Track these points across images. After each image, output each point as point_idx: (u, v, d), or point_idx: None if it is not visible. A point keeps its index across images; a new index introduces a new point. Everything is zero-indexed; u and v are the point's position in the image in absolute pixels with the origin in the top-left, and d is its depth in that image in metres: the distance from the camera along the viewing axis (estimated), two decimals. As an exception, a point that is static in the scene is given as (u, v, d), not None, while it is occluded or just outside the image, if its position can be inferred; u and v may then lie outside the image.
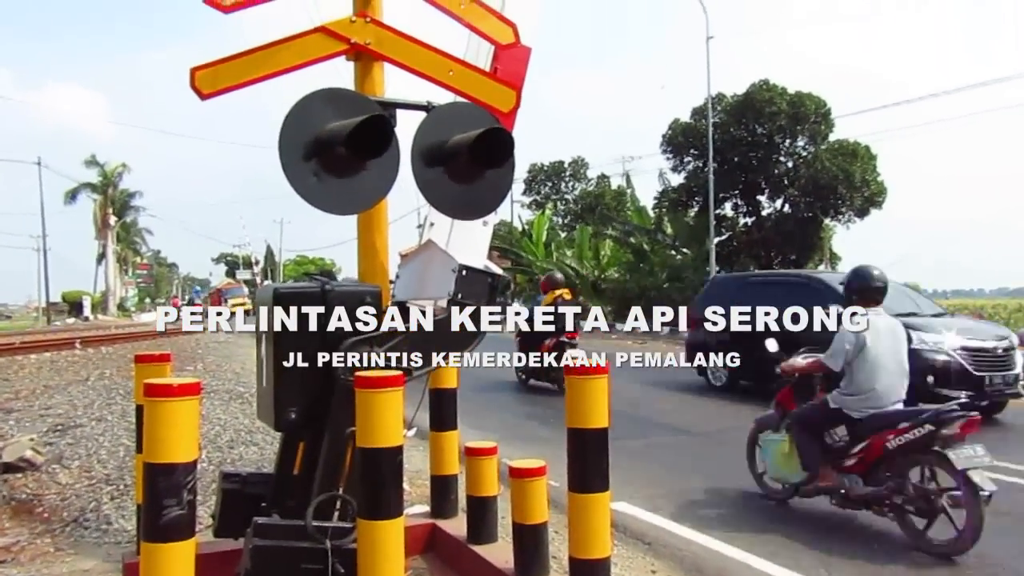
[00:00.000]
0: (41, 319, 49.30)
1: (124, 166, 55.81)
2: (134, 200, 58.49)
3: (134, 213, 60.41)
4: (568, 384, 3.16)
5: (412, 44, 3.51)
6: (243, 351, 17.64)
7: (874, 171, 25.75)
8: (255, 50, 3.30)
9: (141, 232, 65.17)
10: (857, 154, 25.52)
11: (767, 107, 25.86)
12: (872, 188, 25.54)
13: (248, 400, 9.38)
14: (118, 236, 57.46)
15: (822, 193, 25.52)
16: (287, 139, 3.04)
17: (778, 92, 26.22)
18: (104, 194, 54.30)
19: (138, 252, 67.88)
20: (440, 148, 3.31)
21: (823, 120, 26.32)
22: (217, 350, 17.97)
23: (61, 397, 9.54)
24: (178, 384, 2.54)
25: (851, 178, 24.96)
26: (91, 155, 54.89)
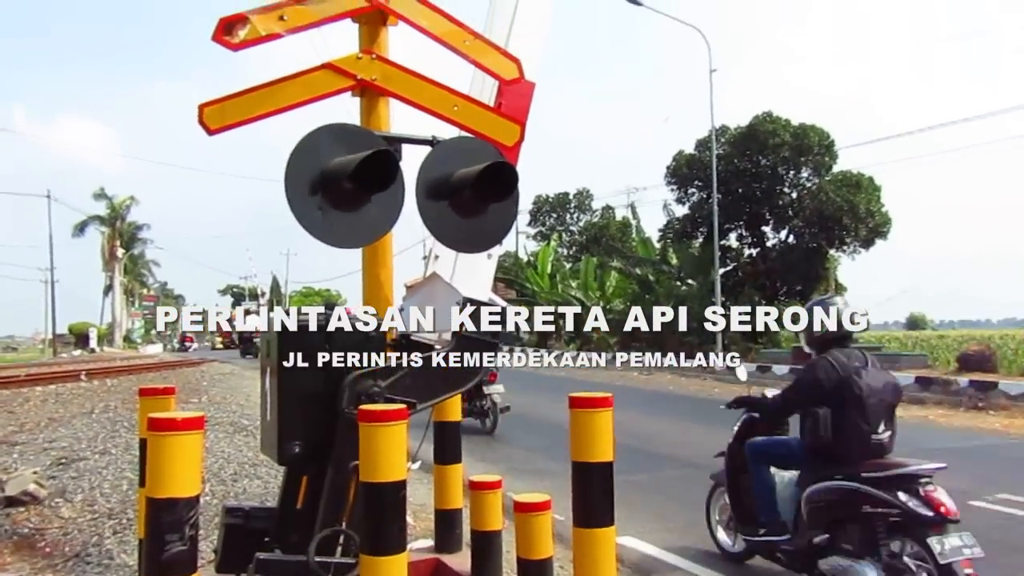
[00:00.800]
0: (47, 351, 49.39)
1: (132, 199, 56.38)
2: (141, 232, 59.02)
3: (141, 245, 60.89)
4: (572, 417, 3.15)
5: (417, 80, 3.56)
6: (248, 383, 17.62)
7: (878, 202, 25.81)
8: (262, 86, 3.35)
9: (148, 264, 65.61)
10: (861, 185, 25.60)
11: (771, 139, 26.02)
12: (876, 219, 25.58)
13: (252, 433, 9.36)
14: (125, 268, 57.79)
15: (827, 224, 25.56)
16: (293, 173, 3.06)
17: (781, 124, 26.40)
18: (112, 226, 54.74)
19: (145, 284, 68.20)
20: (445, 182, 3.34)
21: (827, 151, 26.46)
22: (222, 382, 17.96)
23: (66, 430, 9.52)
24: (182, 418, 2.53)
25: (855, 209, 25.02)
26: (100, 188, 55.47)
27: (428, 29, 3.61)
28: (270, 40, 3.35)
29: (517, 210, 3.64)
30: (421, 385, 3.33)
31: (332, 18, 3.49)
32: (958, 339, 28.67)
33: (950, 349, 21.94)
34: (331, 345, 3.19)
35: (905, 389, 14.26)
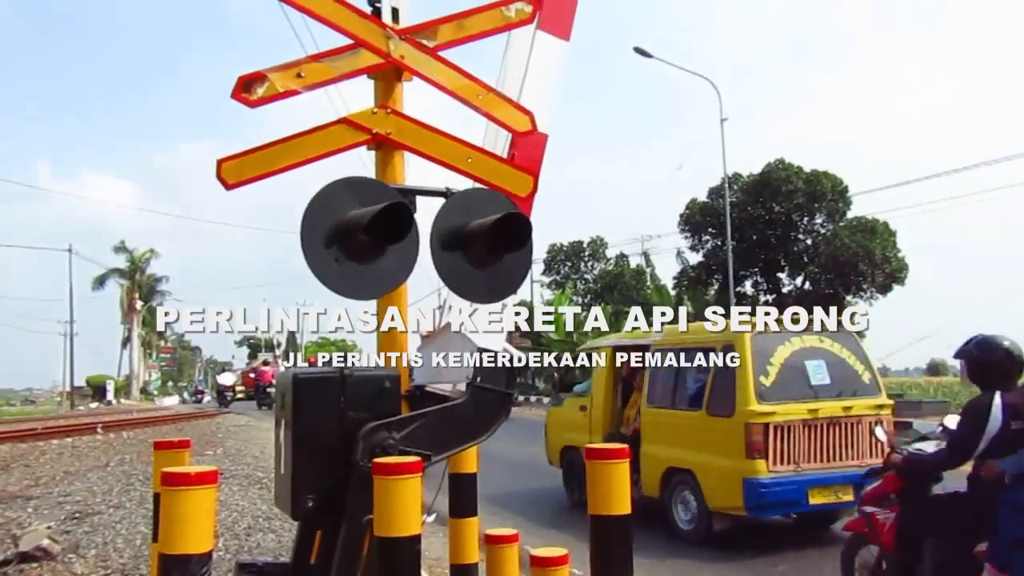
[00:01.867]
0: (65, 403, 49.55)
1: (152, 252, 57.04)
2: (160, 285, 59.53)
3: (160, 298, 61.36)
4: (589, 469, 3.11)
5: (431, 133, 3.61)
6: (263, 435, 17.55)
7: (894, 247, 25.72)
8: (280, 141, 3.40)
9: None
10: (876, 231, 25.55)
11: (784, 185, 26.12)
12: (893, 264, 25.45)
13: (267, 486, 9.29)
14: (143, 320, 58.19)
15: (843, 270, 25.45)
16: (309, 226, 3.09)
17: (794, 171, 26.51)
18: (131, 279, 55.34)
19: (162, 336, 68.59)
20: (459, 233, 3.36)
21: (840, 197, 26.49)
22: (237, 434, 17.90)
23: (80, 484, 9.50)
24: (195, 472, 2.52)
25: (871, 255, 24.93)
26: (120, 241, 56.22)
27: (443, 84, 3.67)
28: (288, 97, 3.42)
29: (531, 260, 3.65)
30: (436, 437, 3.30)
31: (349, 75, 3.56)
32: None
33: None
34: (346, 396, 3.19)
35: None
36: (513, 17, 3.90)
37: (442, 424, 3.33)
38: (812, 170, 26.70)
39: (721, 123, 24.76)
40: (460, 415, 3.38)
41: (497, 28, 3.91)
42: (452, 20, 3.80)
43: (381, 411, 3.22)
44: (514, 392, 3.60)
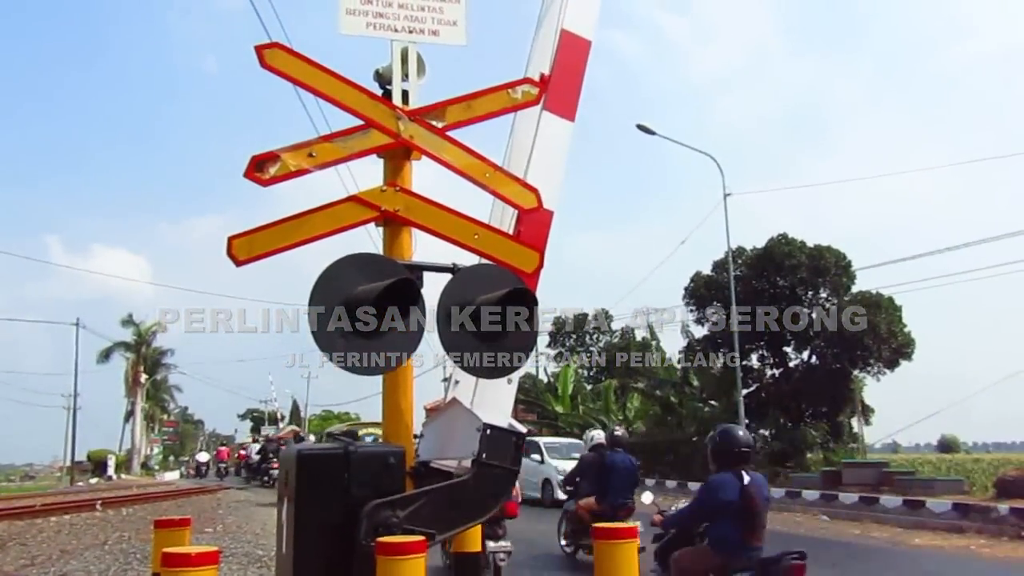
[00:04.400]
0: (65, 479, 48.84)
1: (159, 325, 57.11)
2: (165, 358, 59.45)
3: (164, 371, 61.20)
4: (596, 549, 3.04)
5: (439, 210, 3.68)
6: (264, 511, 17.22)
7: (900, 322, 25.61)
8: (290, 218, 3.47)
9: (170, 389, 65.65)
10: (881, 305, 25.49)
11: (787, 260, 26.20)
12: (899, 339, 25.30)
13: (267, 564, 9.06)
14: (147, 393, 57.89)
15: (848, 345, 25.29)
16: (317, 302, 3.12)
17: (797, 246, 26.65)
18: (137, 352, 55.27)
19: (166, 409, 68.05)
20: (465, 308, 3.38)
21: (844, 272, 26.54)
22: (237, 511, 17.57)
23: (77, 562, 9.28)
24: (196, 553, 2.48)
25: (877, 329, 24.81)
26: (128, 314, 56.35)
27: (451, 163, 3.75)
28: (299, 175, 3.50)
29: (536, 335, 3.65)
30: (441, 515, 3.24)
31: (359, 154, 3.65)
32: (994, 463, 27.70)
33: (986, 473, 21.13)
34: (350, 473, 3.14)
35: (942, 517, 13.63)
36: (520, 99, 4.01)
37: (447, 502, 3.28)
38: (815, 245, 26.86)
39: (724, 198, 25.09)
40: (465, 493, 3.32)
41: (504, 109, 4.03)
42: (461, 101, 3.91)
43: (385, 488, 3.18)
44: (519, 468, 3.55)
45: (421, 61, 3.96)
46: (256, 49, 3.51)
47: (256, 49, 3.51)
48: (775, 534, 13.79)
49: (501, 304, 3.27)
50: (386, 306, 3.09)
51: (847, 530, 13.02)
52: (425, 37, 4.00)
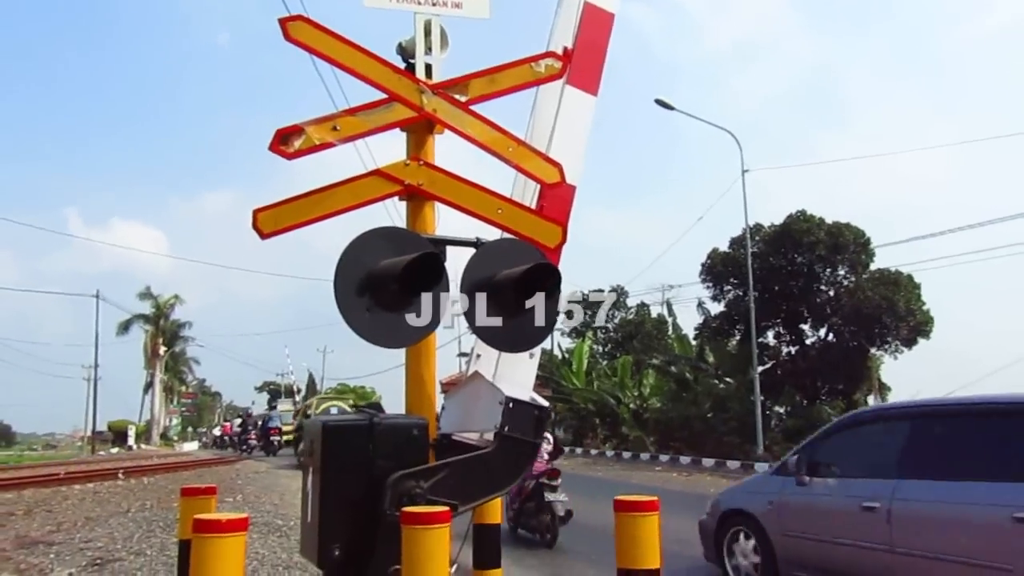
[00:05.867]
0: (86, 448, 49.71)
1: (177, 298, 57.72)
2: (183, 331, 60.11)
3: (183, 343, 61.91)
4: (617, 521, 3.07)
5: (462, 184, 3.68)
6: (283, 482, 17.47)
7: (918, 300, 25.43)
8: (314, 192, 3.48)
9: (188, 361, 66.51)
10: (899, 283, 25.31)
11: (805, 237, 26.02)
12: (918, 317, 25.14)
13: (286, 534, 9.21)
14: (166, 365, 58.63)
15: (866, 322, 25.15)
16: (343, 275, 3.14)
17: (816, 223, 26.45)
18: (156, 325, 55.90)
19: (184, 381, 68.95)
20: (488, 282, 3.40)
21: (863, 250, 26.33)
22: (256, 481, 17.83)
23: (102, 529, 9.47)
24: (226, 519, 2.53)
25: (895, 307, 24.64)
26: (146, 287, 56.99)
27: (474, 137, 3.75)
28: (323, 149, 3.51)
29: (558, 310, 3.66)
30: (463, 486, 3.28)
31: (382, 128, 3.65)
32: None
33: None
34: (375, 444, 3.19)
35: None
36: (543, 72, 3.99)
37: (469, 474, 3.32)
38: (834, 222, 26.63)
39: (742, 174, 24.89)
40: (487, 465, 3.36)
41: (527, 83, 4.01)
42: (484, 75, 3.90)
43: (409, 460, 3.22)
44: (541, 441, 3.58)
45: (444, 34, 3.94)
46: (280, 22, 3.51)
47: (280, 22, 3.51)
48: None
49: (524, 278, 3.28)
50: (411, 279, 3.11)
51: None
52: (448, 10, 3.98)
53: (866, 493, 5.47)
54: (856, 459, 5.92)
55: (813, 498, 5.98)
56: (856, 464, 5.87)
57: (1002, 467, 4.88)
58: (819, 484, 5.98)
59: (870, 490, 5.47)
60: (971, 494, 4.87)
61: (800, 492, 6.09)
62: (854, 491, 5.60)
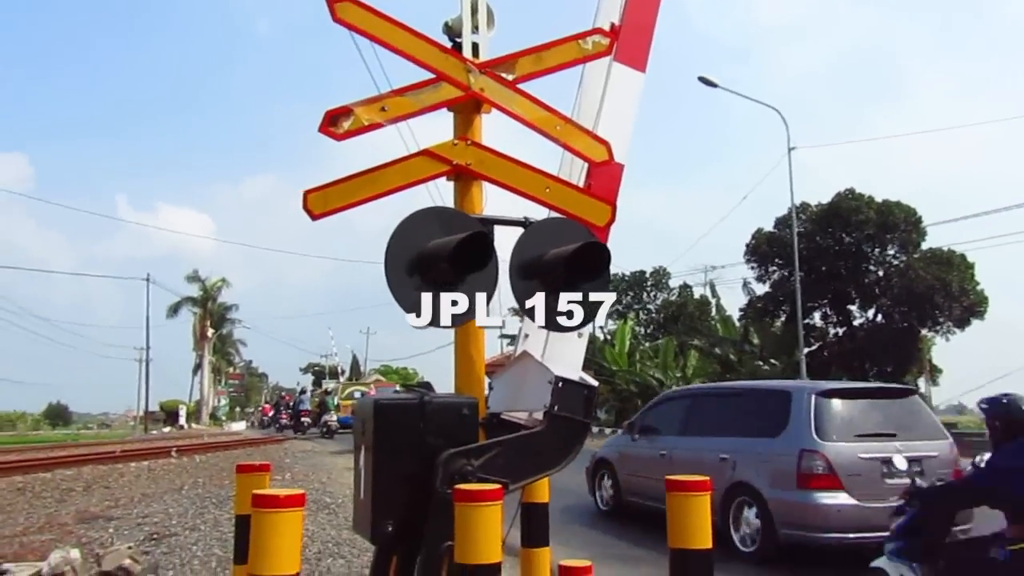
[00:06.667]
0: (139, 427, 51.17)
1: (224, 281, 58.93)
2: (230, 313, 61.41)
3: (230, 325, 63.26)
4: (669, 501, 3.06)
5: (510, 163, 3.66)
6: (330, 460, 17.79)
7: (972, 280, 24.80)
8: (363, 173, 3.50)
9: (235, 343, 67.98)
10: (952, 263, 24.70)
11: (854, 216, 25.52)
12: (971, 297, 24.52)
13: (335, 511, 9.39)
14: (214, 347, 59.94)
15: (917, 303, 24.63)
16: (393, 255, 3.16)
17: (865, 201, 25.91)
18: (204, 307, 57.15)
19: (231, 362, 70.50)
20: (537, 262, 3.39)
21: (914, 228, 25.73)
22: (304, 460, 18.18)
23: (157, 505, 9.76)
24: (284, 495, 2.58)
25: (948, 287, 24.07)
26: (193, 271, 58.29)
27: (521, 116, 3.73)
28: (372, 130, 3.52)
29: (608, 289, 3.64)
30: (513, 465, 3.30)
31: (430, 107, 3.65)
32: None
33: None
34: (425, 422, 3.22)
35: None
36: (590, 49, 3.95)
37: (520, 453, 3.33)
38: (884, 200, 26.05)
39: (788, 152, 24.42)
40: (538, 444, 3.38)
41: (575, 60, 3.97)
42: (531, 53, 3.87)
43: (459, 438, 3.24)
44: (591, 421, 3.58)
45: (491, 13, 3.91)
46: (328, 2, 3.51)
47: (328, 2, 3.51)
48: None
49: (574, 257, 3.27)
50: (460, 259, 3.12)
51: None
52: (494, -12, 3.95)
53: (663, 446, 8.94)
54: (661, 423, 9.36)
55: (638, 450, 9.48)
56: (661, 427, 9.31)
57: (719, 427, 8.29)
58: (642, 440, 9.45)
59: (665, 444, 8.95)
60: (707, 444, 8.19)
61: (633, 446, 9.62)
62: (657, 444, 9.07)
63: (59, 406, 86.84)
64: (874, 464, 6.96)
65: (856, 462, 6.99)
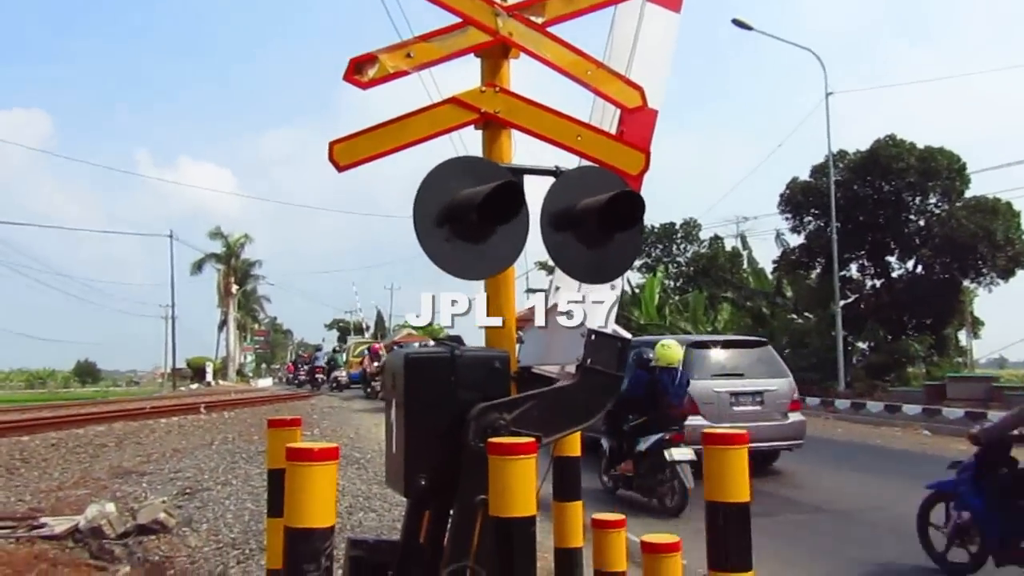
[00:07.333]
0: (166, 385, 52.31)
1: (247, 237, 59.47)
2: (254, 269, 62.09)
3: (254, 282, 64.02)
4: (706, 454, 3.06)
5: (540, 110, 3.61)
6: (357, 416, 18.11)
7: (1018, 229, 24.26)
8: (389, 122, 3.47)
9: (259, 300, 68.82)
10: (998, 211, 24.15)
11: (894, 163, 24.96)
12: (1017, 247, 24.01)
13: (364, 466, 9.58)
14: (238, 304, 60.76)
15: (959, 253, 24.18)
16: (421, 206, 3.14)
17: (906, 148, 25.31)
18: (227, 264, 57.82)
19: (256, 319, 71.48)
20: (569, 212, 3.36)
21: (957, 176, 25.14)
22: (331, 415, 18.52)
23: (188, 461, 10.02)
24: (318, 449, 2.62)
25: (992, 236, 23.58)
26: (216, 227, 58.78)
27: (551, 60, 3.66)
28: (397, 77, 3.48)
29: (641, 240, 3.61)
30: (546, 419, 3.31)
31: (457, 53, 3.59)
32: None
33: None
34: (457, 376, 3.23)
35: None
36: (622, -12, 3.85)
37: (553, 406, 3.34)
38: (925, 146, 25.42)
39: (826, 96, 23.92)
40: (571, 398, 3.38)
41: (606, 1, 3.88)
42: (561, -6, 3.78)
43: (491, 392, 3.25)
44: (624, 374, 3.57)
45: (518, -48, 3.82)
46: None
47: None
48: (871, 448, 13.62)
49: (607, 207, 3.23)
50: (490, 209, 3.09)
51: (951, 446, 12.77)
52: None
53: None
54: None
55: None
56: None
57: None
58: None
59: None
60: None
61: None
62: None
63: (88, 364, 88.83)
64: (724, 396, 10.03)
65: (710, 394, 9.90)
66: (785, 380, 10.59)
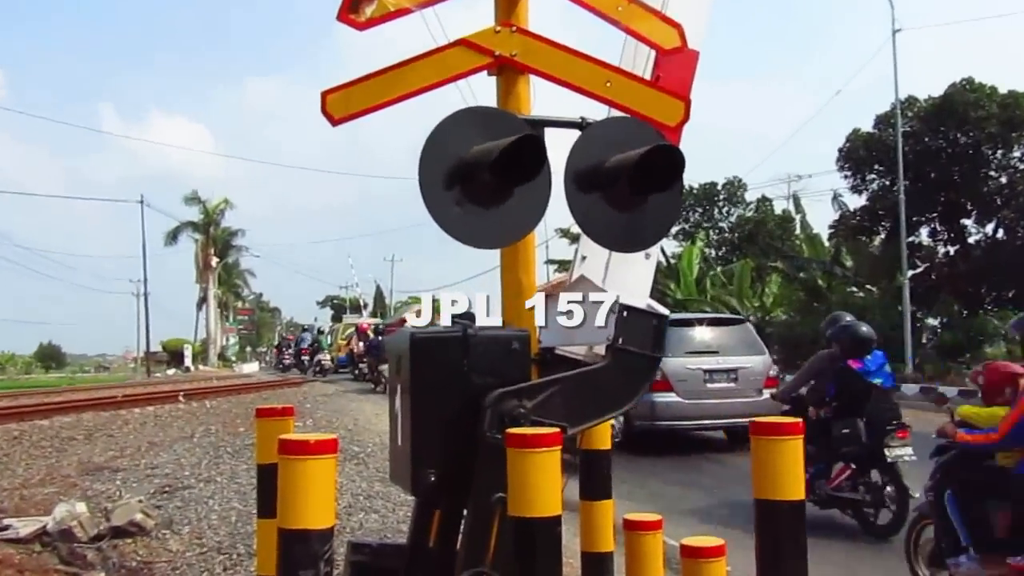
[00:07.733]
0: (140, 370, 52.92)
1: (226, 202, 59.66)
2: (236, 239, 62.36)
3: (236, 253, 64.38)
4: (754, 446, 3.06)
5: (564, 53, 3.58)
6: (354, 405, 18.27)
7: (1118, 186, 23.94)
8: (390, 68, 3.45)
9: (243, 274, 69.27)
10: (1095, 164, 23.81)
11: (972, 111, 24.60)
12: (1117, 207, 23.71)
13: (364, 461, 9.68)
14: (219, 278, 61.14)
15: (1047, 215, 23.90)
16: (428, 165, 3.13)
17: (986, 93, 24.94)
18: (206, 233, 58.08)
19: (239, 296, 71.99)
20: (598, 170, 3.34)
21: (1047, 125, 24.77)
22: (326, 404, 18.69)
23: (167, 455, 10.16)
24: (315, 440, 2.64)
25: (1088, 194, 23.28)
26: (192, 191, 58.98)
27: (574, -6, 3.63)
28: (399, 16, 3.47)
29: (680, 202, 3.59)
30: (573, 406, 3.31)
31: (467, -13, 3.56)
32: None
33: None
34: (470, 359, 3.24)
35: None
36: (658, -90, 3.80)
37: (580, 392, 3.35)
38: (1009, 91, 25.03)
39: (893, 34, 23.58)
40: (600, 382, 3.38)
41: (639, -75, 3.83)
42: (586, -83, 3.74)
43: (509, 376, 3.26)
44: (660, 355, 3.57)
45: None
46: None
47: None
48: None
49: (641, 164, 3.20)
50: (507, 168, 3.07)
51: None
52: None
53: None
54: None
55: None
56: None
57: None
58: None
59: None
60: None
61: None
62: None
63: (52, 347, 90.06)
64: (698, 373, 11.51)
65: (683, 371, 11.37)
66: (761, 358, 12.21)
